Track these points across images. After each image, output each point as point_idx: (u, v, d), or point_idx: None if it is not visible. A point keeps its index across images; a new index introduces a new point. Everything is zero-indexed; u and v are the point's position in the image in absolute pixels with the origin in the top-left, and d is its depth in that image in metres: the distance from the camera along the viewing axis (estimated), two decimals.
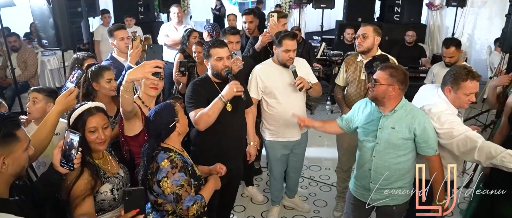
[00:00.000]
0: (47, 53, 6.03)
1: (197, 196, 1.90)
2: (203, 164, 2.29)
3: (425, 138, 2.22)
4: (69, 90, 1.90)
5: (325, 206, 3.66)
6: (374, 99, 2.28)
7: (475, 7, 7.56)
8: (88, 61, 2.84)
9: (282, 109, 2.99)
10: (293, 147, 3.19)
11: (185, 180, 1.87)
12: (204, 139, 2.60)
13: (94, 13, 6.24)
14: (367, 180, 2.41)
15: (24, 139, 1.44)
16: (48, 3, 3.78)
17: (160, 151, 1.93)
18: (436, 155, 2.25)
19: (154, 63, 1.87)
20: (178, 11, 5.19)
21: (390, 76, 2.19)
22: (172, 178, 1.84)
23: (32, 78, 5.51)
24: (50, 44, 4.00)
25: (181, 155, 1.99)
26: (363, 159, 2.42)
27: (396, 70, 2.21)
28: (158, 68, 1.87)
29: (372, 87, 2.25)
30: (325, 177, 4.16)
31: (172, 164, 1.86)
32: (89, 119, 1.85)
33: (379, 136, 2.29)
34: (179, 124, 2.00)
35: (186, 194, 1.85)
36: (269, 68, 2.99)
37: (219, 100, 2.43)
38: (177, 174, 1.85)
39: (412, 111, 2.25)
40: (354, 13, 7.50)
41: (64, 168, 1.61)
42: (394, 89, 2.19)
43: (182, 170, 1.88)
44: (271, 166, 3.31)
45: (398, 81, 2.18)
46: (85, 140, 1.83)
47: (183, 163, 1.93)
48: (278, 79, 2.95)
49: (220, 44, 2.57)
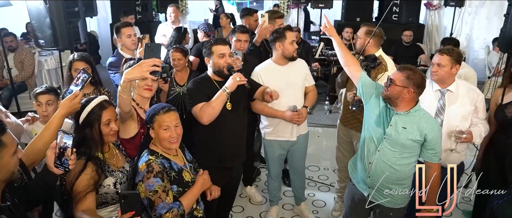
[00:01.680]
0: (44, 53, 6.00)
1: (174, 204, 1.86)
2: (203, 163, 2.28)
3: (434, 146, 2.22)
4: (74, 94, 1.89)
5: (324, 207, 3.65)
6: (387, 98, 2.23)
7: (473, 7, 7.56)
8: (76, 64, 2.82)
9: (282, 109, 2.97)
10: (291, 147, 3.17)
11: (160, 186, 1.83)
12: (204, 138, 2.59)
13: (91, 13, 6.21)
14: (365, 174, 2.39)
15: (10, 144, 1.41)
16: (45, 3, 3.77)
17: (145, 153, 1.92)
18: (438, 163, 2.26)
19: (151, 62, 1.84)
20: (172, 11, 5.17)
21: (406, 78, 2.14)
22: (146, 183, 1.82)
23: (29, 78, 5.49)
24: (47, 44, 3.99)
25: (165, 159, 1.94)
26: (367, 149, 2.37)
27: (414, 73, 2.15)
28: (156, 67, 1.85)
29: (387, 86, 2.20)
30: (324, 177, 4.15)
31: (148, 168, 1.84)
32: (103, 113, 1.88)
33: (388, 132, 2.26)
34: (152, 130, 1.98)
35: (159, 200, 1.82)
36: (269, 68, 2.99)
37: (223, 91, 2.42)
38: (151, 180, 1.82)
39: (425, 116, 2.24)
40: (353, 13, 7.50)
41: (58, 169, 1.59)
42: (409, 92, 2.15)
43: (159, 175, 1.84)
44: (268, 165, 3.30)
45: (414, 85, 2.14)
46: (100, 133, 1.87)
47: (163, 169, 1.88)
48: (278, 78, 2.94)
49: (222, 42, 2.56)
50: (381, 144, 2.29)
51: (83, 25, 4.43)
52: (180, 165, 2.03)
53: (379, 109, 2.32)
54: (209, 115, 2.44)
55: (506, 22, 4.24)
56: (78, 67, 2.80)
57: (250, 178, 3.86)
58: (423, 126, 2.19)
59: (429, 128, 2.19)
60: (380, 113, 2.31)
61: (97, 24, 8.07)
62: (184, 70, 3.36)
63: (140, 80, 2.21)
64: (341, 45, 2.59)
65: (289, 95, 2.96)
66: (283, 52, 2.92)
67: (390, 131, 2.24)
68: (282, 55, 2.93)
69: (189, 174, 2.06)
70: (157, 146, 1.97)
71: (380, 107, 2.32)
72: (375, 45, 3.05)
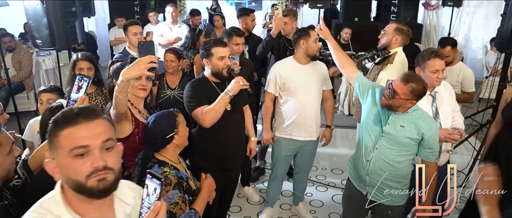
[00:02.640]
0: (42, 54, 5.99)
1: (191, 212, 1.86)
2: (203, 164, 2.29)
3: (431, 145, 2.24)
4: (80, 99, 1.94)
5: (321, 206, 3.65)
6: (387, 106, 2.25)
7: (471, 7, 7.58)
8: (80, 64, 2.83)
9: (297, 107, 2.98)
10: (300, 147, 3.16)
11: (179, 198, 1.82)
12: (204, 140, 2.58)
13: (89, 13, 6.21)
14: (363, 172, 2.40)
15: (5, 143, 1.41)
16: (41, 3, 3.75)
17: (155, 164, 1.87)
18: (435, 162, 2.28)
19: (148, 59, 1.82)
20: (173, 11, 5.16)
21: (410, 92, 2.15)
22: (166, 196, 1.78)
23: (27, 78, 5.48)
24: (44, 44, 3.98)
25: (176, 169, 1.92)
26: (364, 147, 2.38)
27: (417, 84, 2.15)
28: (153, 63, 1.84)
29: (390, 97, 2.19)
30: (322, 177, 4.15)
31: (166, 181, 1.81)
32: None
33: (386, 130, 2.27)
34: (177, 136, 1.94)
35: (181, 211, 1.81)
36: (289, 65, 2.99)
37: (225, 94, 2.41)
38: (171, 192, 1.80)
39: (423, 115, 2.26)
40: (351, 13, 7.50)
41: None
42: (412, 103, 2.20)
43: (177, 187, 1.83)
44: (274, 164, 3.28)
45: (417, 96, 2.17)
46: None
47: (178, 179, 1.87)
48: (298, 77, 2.94)
49: (222, 43, 2.55)
50: (379, 142, 2.30)
51: (81, 25, 4.41)
52: (185, 174, 2.01)
53: (377, 107, 2.33)
54: (212, 118, 2.42)
55: (503, 22, 4.24)
56: (83, 67, 2.81)
57: (248, 178, 3.86)
58: (421, 125, 2.21)
59: (426, 127, 2.21)
60: (378, 112, 2.32)
61: (95, 24, 8.07)
62: (177, 73, 3.33)
63: (135, 80, 2.19)
64: (336, 48, 2.60)
65: (307, 95, 2.97)
66: (306, 50, 2.92)
67: (388, 129, 2.26)
68: (305, 53, 2.93)
69: (193, 182, 2.05)
70: (165, 156, 1.93)
71: (377, 105, 2.33)
72: (400, 43, 3.06)
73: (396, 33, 3.02)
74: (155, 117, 1.96)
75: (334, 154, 4.69)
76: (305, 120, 3.02)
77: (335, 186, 3.95)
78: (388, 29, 3.06)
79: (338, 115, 5.78)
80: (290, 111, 3.01)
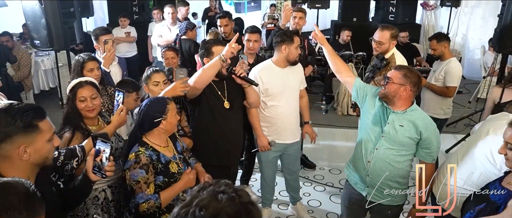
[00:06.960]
0: (41, 54, 5.99)
1: (152, 196, 1.94)
2: (201, 161, 2.33)
3: (428, 145, 2.25)
4: (119, 109, 2.23)
5: (319, 206, 3.66)
6: (384, 97, 2.27)
7: (469, 7, 7.59)
8: (89, 64, 2.83)
9: (280, 111, 2.97)
10: (285, 149, 3.16)
11: (143, 178, 1.93)
12: (203, 137, 2.60)
13: (88, 13, 6.21)
14: (364, 173, 2.41)
15: (47, 130, 1.47)
16: (40, 4, 3.77)
17: (137, 144, 2.01)
18: (432, 163, 2.30)
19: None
20: (172, 11, 5.16)
21: (403, 76, 2.20)
22: (131, 172, 1.94)
23: (26, 78, 5.48)
24: (42, 44, 3.99)
25: (154, 152, 2.01)
26: (364, 149, 2.40)
27: (410, 71, 2.23)
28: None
29: (384, 84, 2.25)
30: (320, 177, 4.16)
31: (136, 159, 1.94)
32: (79, 90, 2.17)
33: (386, 130, 2.28)
34: (165, 122, 2.03)
35: (139, 190, 1.93)
36: (269, 70, 2.96)
37: (218, 58, 2.38)
38: (136, 170, 1.93)
39: (421, 115, 2.28)
40: (349, 13, 7.52)
41: (96, 176, 1.67)
42: (406, 89, 2.20)
43: (144, 167, 1.93)
44: (262, 169, 3.27)
45: (411, 83, 2.19)
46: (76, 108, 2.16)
47: (150, 161, 1.96)
48: (277, 81, 2.93)
49: (222, 42, 2.57)
50: (379, 143, 2.32)
51: (79, 26, 4.43)
52: (168, 157, 2.06)
53: (376, 108, 2.35)
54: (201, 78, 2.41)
55: (500, 22, 4.26)
56: (93, 67, 2.81)
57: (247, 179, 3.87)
58: (419, 124, 2.23)
59: (424, 127, 2.23)
60: (377, 112, 2.34)
61: (94, 25, 8.06)
62: None
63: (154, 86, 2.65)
64: (332, 53, 2.62)
65: (289, 97, 2.97)
66: (287, 55, 2.89)
67: (388, 129, 2.28)
68: (286, 58, 2.91)
69: (177, 166, 2.08)
70: (149, 140, 2.04)
71: (376, 106, 2.35)
72: (394, 45, 3.21)
73: (392, 39, 3.16)
74: (149, 101, 2.08)
75: (332, 154, 4.71)
76: (289, 122, 3.02)
77: (333, 186, 3.95)
78: (381, 38, 3.14)
79: (337, 115, 5.79)
80: (274, 115, 2.99)
